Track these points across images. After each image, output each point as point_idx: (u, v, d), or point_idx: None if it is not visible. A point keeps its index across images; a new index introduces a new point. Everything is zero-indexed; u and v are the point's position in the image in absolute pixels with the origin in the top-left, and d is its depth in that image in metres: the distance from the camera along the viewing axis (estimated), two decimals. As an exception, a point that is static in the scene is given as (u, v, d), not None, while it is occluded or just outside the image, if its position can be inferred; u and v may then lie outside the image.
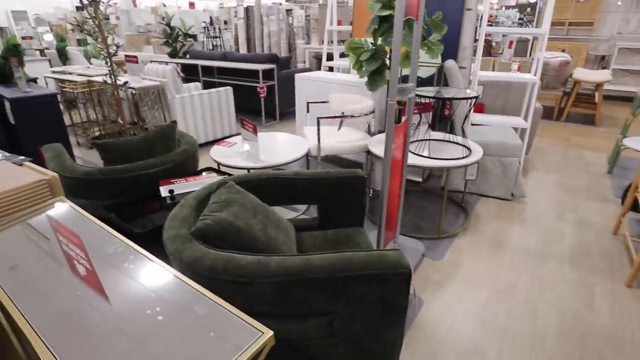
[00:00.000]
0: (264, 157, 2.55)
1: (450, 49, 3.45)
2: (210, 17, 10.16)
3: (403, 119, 2.05)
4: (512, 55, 4.17)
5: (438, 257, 2.46)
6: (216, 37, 9.59)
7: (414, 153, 2.54)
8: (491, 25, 8.55)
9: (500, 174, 3.15)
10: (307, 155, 2.79)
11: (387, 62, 2.76)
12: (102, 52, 3.15)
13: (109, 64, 3.20)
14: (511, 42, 4.00)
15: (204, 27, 9.79)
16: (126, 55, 4.15)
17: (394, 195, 2.12)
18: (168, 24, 6.66)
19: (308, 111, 3.54)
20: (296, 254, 1.22)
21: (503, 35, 8.37)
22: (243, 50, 8.19)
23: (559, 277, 2.29)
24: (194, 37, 8.92)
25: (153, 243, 1.49)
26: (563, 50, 6.91)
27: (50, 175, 1.48)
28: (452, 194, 3.28)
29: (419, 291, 2.15)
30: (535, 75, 3.44)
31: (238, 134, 2.96)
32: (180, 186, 2.16)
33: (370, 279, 1.18)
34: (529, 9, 9.88)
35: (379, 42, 2.67)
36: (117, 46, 3.23)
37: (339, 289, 1.18)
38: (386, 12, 2.50)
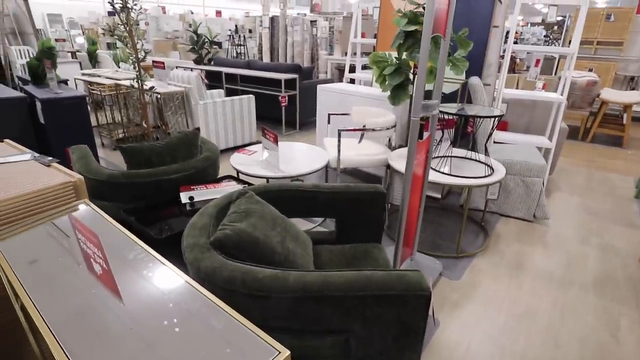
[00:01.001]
0: (283, 166, 2.56)
1: (475, 66, 3.41)
2: (236, 26, 10.37)
3: (425, 135, 2.03)
4: (538, 73, 4.10)
5: (456, 277, 2.41)
6: (240, 45, 9.76)
7: (435, 170, 2.50)
8: (516, 43, 8.44)
9: (522, 194, 3.08)
10: (327, 166, 2.79)
11: (411, 77, 2.74)
12: (131, 57, 3.23)
13: (137, 68, 3.28)
14: (538, 61, 3.94)
15: (229, 35, 9.98)
16: (154, 61, 4.24)
17: (413, 212, 2.09)
18: (195, 31, 6.82)
19: (329, 122, 3.54)
20: (314, 270, 1.20)
21: (528, 53, 8.26)
22: (266, 59, 8.30)
23: (582, 304, 2.21)
24: (219, 44, 9.10)
25: (171, 248, 1.50)
26: (590, 70, 6.76)
27: (76, 177, 1.51)
28: (472, 213, 3.22)
29: (435, 311, 2.11)
30: (561, 95, 3.37)
31: (258, 141, 2.98)
32: (200, 193, 2.18)
33: (388, 300, 1.15)
34: (555, 27, 9.73)
35: (404, 56, 2.66)
36: (146, 52, 3.31)
37: (356, 308, 1.16)
38: (412, 28, 2.50)
